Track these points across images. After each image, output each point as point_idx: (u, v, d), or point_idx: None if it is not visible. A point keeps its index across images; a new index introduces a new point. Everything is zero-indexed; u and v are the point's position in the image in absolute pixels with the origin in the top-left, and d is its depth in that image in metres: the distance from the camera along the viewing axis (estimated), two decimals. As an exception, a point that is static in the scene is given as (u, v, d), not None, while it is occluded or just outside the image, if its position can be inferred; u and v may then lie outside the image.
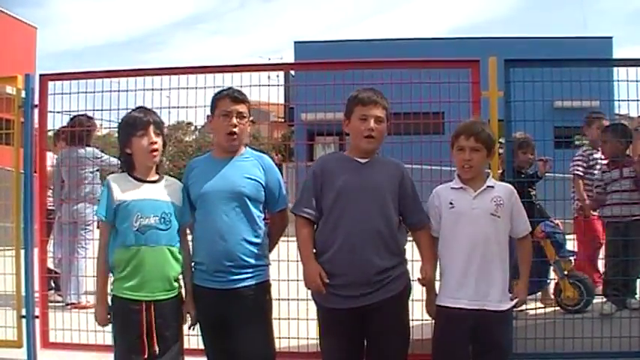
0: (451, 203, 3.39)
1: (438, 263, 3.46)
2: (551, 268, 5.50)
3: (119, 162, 3.32)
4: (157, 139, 3.35)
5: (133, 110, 3.50)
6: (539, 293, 5.55)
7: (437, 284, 3.46)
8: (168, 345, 3.28)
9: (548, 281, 5.62)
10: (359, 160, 3.37)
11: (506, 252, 3.40)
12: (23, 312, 4.68)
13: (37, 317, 4.71)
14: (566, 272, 5.39)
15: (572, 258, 5.58)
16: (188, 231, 3.51)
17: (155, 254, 3.26)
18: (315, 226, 3.37)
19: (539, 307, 5.31)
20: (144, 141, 3.31)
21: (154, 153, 3.34)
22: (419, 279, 3.38)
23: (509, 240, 3.44)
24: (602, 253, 5.53)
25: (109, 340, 3.49)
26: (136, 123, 3.35)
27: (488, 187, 3.38)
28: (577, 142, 6.82)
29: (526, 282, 3.49)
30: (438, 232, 3.45)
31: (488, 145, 3.39)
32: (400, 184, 3.35)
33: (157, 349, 3.22)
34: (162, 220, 3.28)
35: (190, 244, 3.50)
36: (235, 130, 3.40)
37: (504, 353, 3.37)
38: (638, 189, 5.21)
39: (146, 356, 3.21)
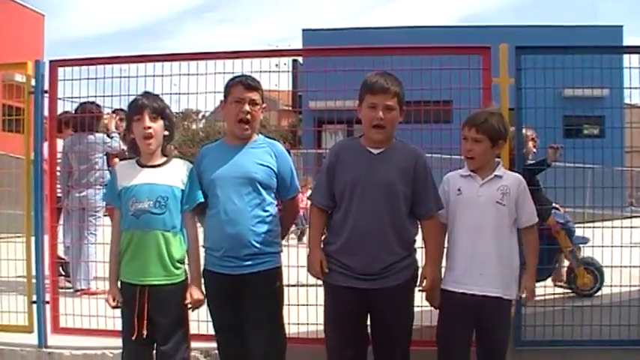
0: (459, 190, 3.41)
1: (445, 250, 3.47)
2: (562, 255, 5.56)
3: (121, 146, 3.35)
4: (153, 124, 3.33)
5: (138, 95, 3.50)
6: (550, 278, 5.59)
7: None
8: (166, 332, 3.28)
9: (556, 267, 5.67)
10: (372, 150, 3.31)
11: (514, 241, 3.40)
12: (34, 297, 4.70)
13: (47, 303, 4.73)
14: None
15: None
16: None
17: (148, 239, 3.27)
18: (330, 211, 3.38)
19: (549, 294, 5.32)
20: (139, 126, 3.33)
21: (149, 140, 3.32)
22: (421, 287, 3.34)
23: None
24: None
25: (118, 325, 3.52)
26: (134, 107, 3.37)
27: (496, 176, 3.39)
28: (586, 132, 6.80)
29: (533, 274, 3.48)
30: (446, 218, 3.45)
31: (492, 136, 3.37)
32: (414, 172, 3.29)
33: (144, 332, 3.24)
34: (158, 204, 3.28)
35: (200, 230, 3.51)
36: (248, 117, 3.40)
37: (499, 348, 3.37)
38: None
39: (134, 338, 3.24)
